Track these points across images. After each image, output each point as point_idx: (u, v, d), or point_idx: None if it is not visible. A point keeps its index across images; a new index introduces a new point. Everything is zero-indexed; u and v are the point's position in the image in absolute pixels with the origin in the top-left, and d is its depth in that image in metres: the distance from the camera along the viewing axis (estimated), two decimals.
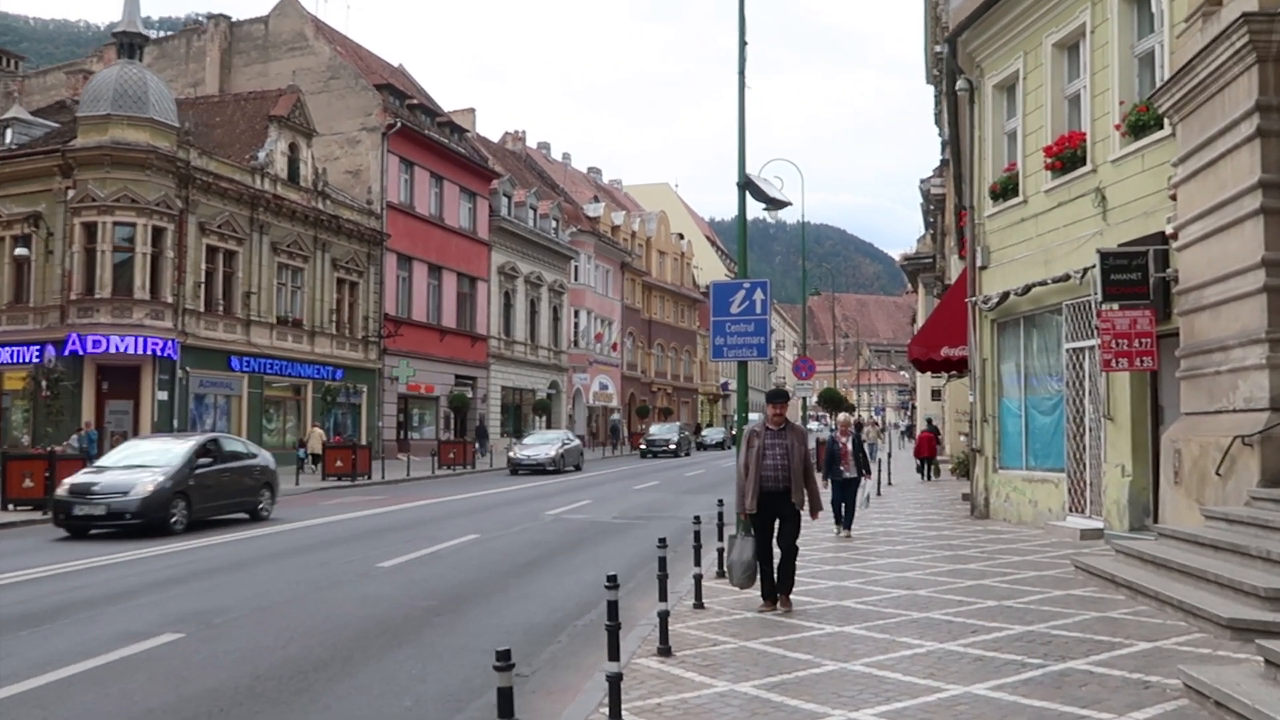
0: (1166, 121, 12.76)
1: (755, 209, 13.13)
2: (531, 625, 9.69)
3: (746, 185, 12.37)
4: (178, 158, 33.69)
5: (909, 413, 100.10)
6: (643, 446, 52.44)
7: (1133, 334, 12.66)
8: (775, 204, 12.35)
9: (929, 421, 51.27)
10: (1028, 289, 16.06)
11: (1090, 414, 14.89)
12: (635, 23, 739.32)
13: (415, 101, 50.45)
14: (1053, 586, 10.61)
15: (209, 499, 18.98)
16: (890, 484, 27.63)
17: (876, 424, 58.05)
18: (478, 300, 52.51)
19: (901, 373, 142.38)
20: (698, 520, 10.58)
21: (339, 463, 32.33)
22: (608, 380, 67.96)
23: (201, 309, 35.23)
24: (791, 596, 9.80)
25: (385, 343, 44.52)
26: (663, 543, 8.41)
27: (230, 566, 13.54)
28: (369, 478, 32.58)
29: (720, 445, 62.50)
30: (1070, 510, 15.32)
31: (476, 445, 48.42)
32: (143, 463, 18.47)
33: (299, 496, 26.63)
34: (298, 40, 47.86)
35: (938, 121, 44.83)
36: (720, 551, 11.94)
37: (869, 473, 17.68)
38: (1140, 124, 13.64)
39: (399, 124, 45.63)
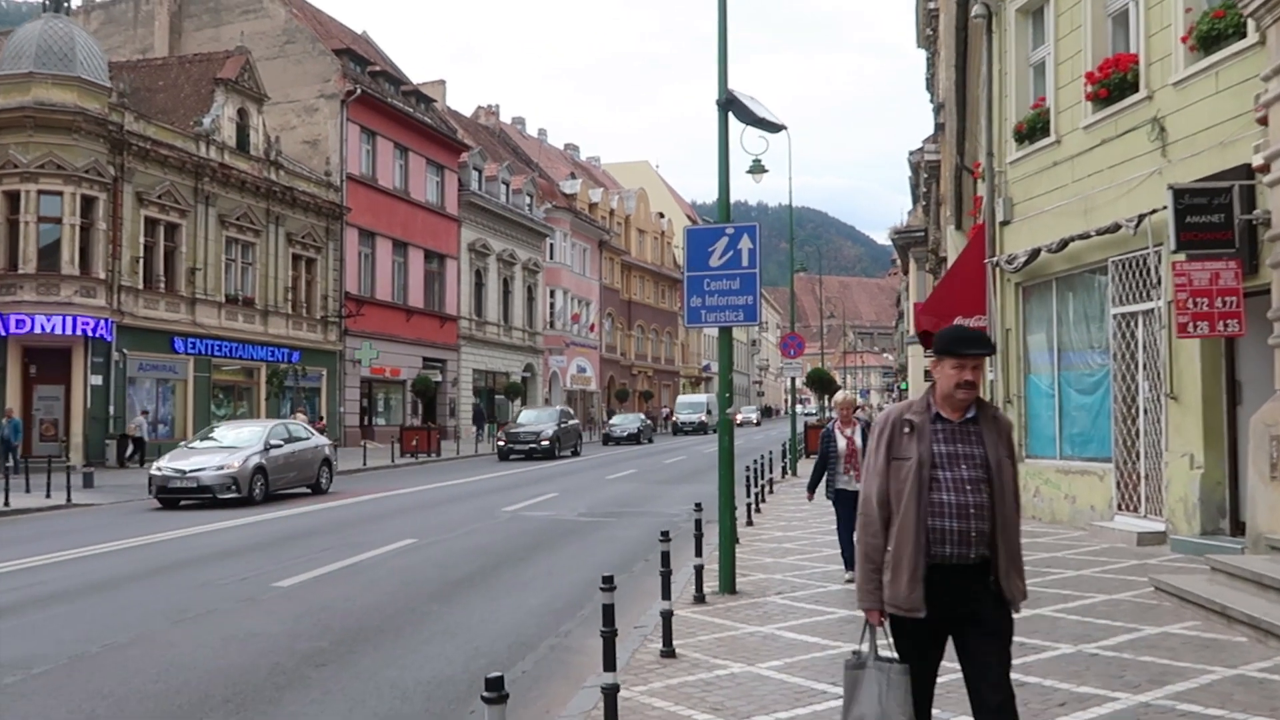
0: (1252, 26, 10.20)
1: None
2: (441, 681, 7.11)
3: (729, 104, 9.75)
4: (110, 121, 30.89)
5: (894, 395, 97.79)
6: (501, 443, 36.61)
7: (1214, 291, 10.09)
8: (765, 126, 9.71)
9: None
10: (1064, 244, 13.45)
11: (1146, 392, 12.32)
12: (616, 6, 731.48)
13: (378, 69, 47.53)
14: (1137, 619, 8.03)
15: None
16: None
17: (865, 406, 55.56)
18: (447, 279, 49.74)
19: (885, 355, 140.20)
20: (666, 536, 7.88)
21: None
22: (586, 363, 65.25)
23: (140, 286, 32.51)
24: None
25: (346, 323, 41.84)
26: (608, 582, 5.75)
27: (82, 590, 10.80)
28: None
29: (636, 439, 47.52)
30: (1120, 508, 12.77)
31: (475, 429, 48.52)
32: None
33: None
34: (251, 2, 44.83)
35: (929, 87, 42.36)
36: (698, 570, 9.34)
37: None
38: (1213, 34, 11.06)
39: (359, 91, 42.77)
